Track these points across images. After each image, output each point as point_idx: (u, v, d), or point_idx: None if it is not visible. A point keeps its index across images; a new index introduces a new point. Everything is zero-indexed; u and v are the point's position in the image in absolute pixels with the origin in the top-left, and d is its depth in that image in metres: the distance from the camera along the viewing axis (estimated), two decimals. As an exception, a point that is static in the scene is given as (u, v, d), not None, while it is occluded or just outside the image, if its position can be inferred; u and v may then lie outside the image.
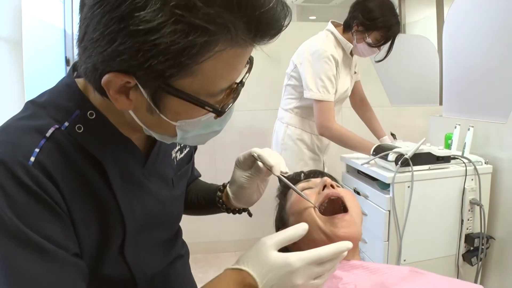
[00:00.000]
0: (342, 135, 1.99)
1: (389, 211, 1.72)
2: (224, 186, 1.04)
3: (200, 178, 1.17)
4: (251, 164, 0.93)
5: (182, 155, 0.95)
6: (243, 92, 0.70)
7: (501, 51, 1.89)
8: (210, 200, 1.06)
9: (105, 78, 0.58)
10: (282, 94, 2.26)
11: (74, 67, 0.73)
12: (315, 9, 5.17)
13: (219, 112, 0.65)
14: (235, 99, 0.68)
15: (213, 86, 0.62)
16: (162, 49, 0.52)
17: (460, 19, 2.19)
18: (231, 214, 1.05)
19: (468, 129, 1.91)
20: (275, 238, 0.72)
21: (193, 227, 1.87)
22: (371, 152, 1.86)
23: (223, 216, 1.09)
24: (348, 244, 0.71)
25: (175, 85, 0.59)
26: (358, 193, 1.96)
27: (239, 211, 1.05)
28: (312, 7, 5.12)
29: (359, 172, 2.08)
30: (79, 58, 0.61)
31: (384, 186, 1.79)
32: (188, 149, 0.98)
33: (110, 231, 0.73)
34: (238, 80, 0.67)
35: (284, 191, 1.11)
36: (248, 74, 0.69)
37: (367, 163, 1.90)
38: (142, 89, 0.59)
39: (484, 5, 2.02)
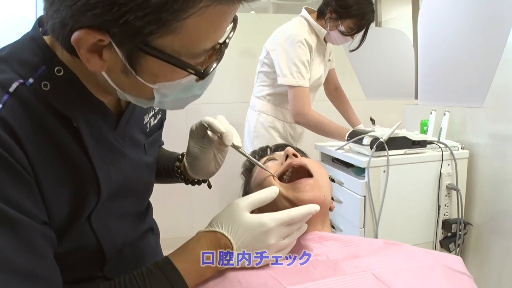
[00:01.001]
0: (318, 121, 1.93)
1: (364, 196, 1.67)
2: (183, 155, 0.98)
3: None
4: (203, 133, 0.87)
5: (155, 121, 0.88)
6: (216, 84, 0.64)
7: (475, 36, 1.87)
8: (169, 169, 1.00)
9: (75, 35, 0.50)
10: (254, 82, 2.20)
11: (40, 22, 0.65)
12: (291, 7, 5.18)
13: (202, 75, 0.58)
14: (219, 60, 0.62)
15: (196, 46, 0.55)
16: (140, 2, 0.46)
17: (435, 7, 2.17)
18: (189, 185, 1.01)
19: (444, 114, 1.88)
20: (248, 200, 0.73)
21: (166, 223, 1.79)
22: (346, 137, 1.81)
23: (195, 210, 1.04)
24: (316, 207, 0.75)
25: (153, 44, 0.52)
26: (333, 181, 1.90)
27: (198, 182, 1.00)
28: (289, 4, 5.12)
29: (333, 160, 2.03)
30: (46, 13, 0.54)
31: (359, 172, 1.74)
32: (161, 115, 0.91)
33: (83, 197, 0.65)
34: (221, 40, 0.61)
35: (249, 168, 1.06)
36: (232, 33, 0.62)
37: (342, 148, 1.84)
38: (116, 48, 0.52)
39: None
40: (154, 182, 0.94)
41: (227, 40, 0.61)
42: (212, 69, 0.60)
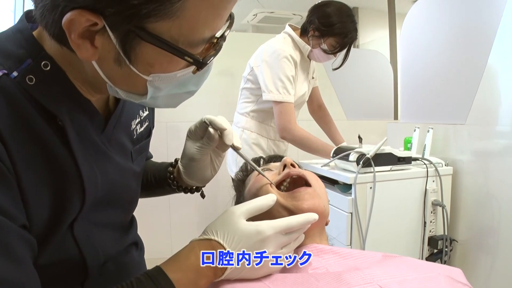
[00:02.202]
0: (304, 138, 1.91)
1: (351, 213, 1.65)
2: (176, 161, 0.95)
3: None
4: (202, 133, 0.84)
5: (141, 129, 0.84)
6: (196, 103, 0.62)
7: (456, 55, 1.91)
8: (161, 178, 0.96)
9: (67, 16, 0.47)
10: (238, 99, 2.17)
11: (27, 17, 0.62)
12: (270, 29, 5.25)
13: (200, 64, 0.56)
14: (216, 53, 0.59)
15: (195, 34, 0.53)
16: None
17: (416, 27, 2.21)
18: (182, 193, 0.96)
19: (428, 131, 1.90)
20: (244, 207, 0.69)
21: (153, 244, 1.73)
22: (331, 154, 1.80)
23: (174, 230, 0.98)
24: (315, 216, 0.72)
25: (150, 29, 0.49)
26: (318, 198, 1.88)
27: (191, 190, 0.96)
28: (268, 27, 5.19)
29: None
30: None
31: (344, 189, 1.72)
32: (148, 123, 0.87)
33: (66, 200, 0.60)
34: (219, 34, 0.59)
35: (242, 179, 1.02)
36: (228, 30, 0.60)
37: (327, 164, 1.83)
38: (110, 33, 0.49)
39: (439, 13, 2.05)
40: (139, 194, 0.89)
41: (225, 33, 0.59)
42: (210, 60, 0.58)
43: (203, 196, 0.98)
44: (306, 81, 2.09)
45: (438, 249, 1.75)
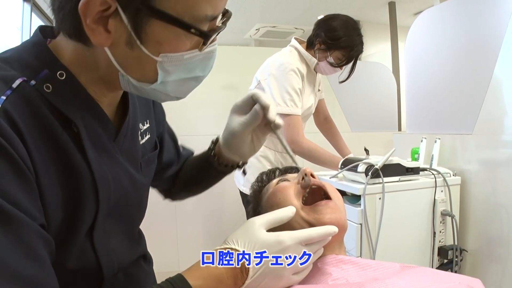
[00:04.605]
0: (312, 150, 1.92)
1: (360, 224, 1.65)
2: (217, 139, 0.99)
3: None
4: (248, 109, 0.88)
5: (143, 140, 0.87)
6: (200, 117, 0.65)
7: (462, 66, 1.93)
8: (202, 162, 1.01)
9: (83, 1, 0.52)
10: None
11: (41, 31, 0.66)
12: (272, 43, 5.30)
13: (206, 36, 0.60)
14: (220, 29, 0.65)
15: (198, 9, 0.58)
16: None
17: (421, 39, 2.24)
18: (222, 173, 1.02)
19: (435, 141, 1.91)
20: (264, 218, 0.70)
21: (160, 258, 1.73)
22: (339, 166, 1.81)
23: (190, 244, 0.98)
24: (335, 229, 0.72)
25: (157, 6, 0.54)
26: (327, 210, 1.88)
27: (233, 166, 1.00)
28: (270, 41, 5.25)
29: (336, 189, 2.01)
30: None
31: (353, 200, 1.73)
32: (150, 136, 0.90)
33: (80, 203, 0.63)
34: (219, 23, 0.65)
35: (259, 189, 1.02)
36: (224, 27, 0.66)
37: (336, 176, 1.84)
38: (122, 14, 0.54)
39: (443, 24, 2.07)
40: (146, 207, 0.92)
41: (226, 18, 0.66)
42: (214, 34, 0.62)
43: (244, 172, 1.02)
44: (312, 94, 2.11)
45: (448, 259, 1.75)
